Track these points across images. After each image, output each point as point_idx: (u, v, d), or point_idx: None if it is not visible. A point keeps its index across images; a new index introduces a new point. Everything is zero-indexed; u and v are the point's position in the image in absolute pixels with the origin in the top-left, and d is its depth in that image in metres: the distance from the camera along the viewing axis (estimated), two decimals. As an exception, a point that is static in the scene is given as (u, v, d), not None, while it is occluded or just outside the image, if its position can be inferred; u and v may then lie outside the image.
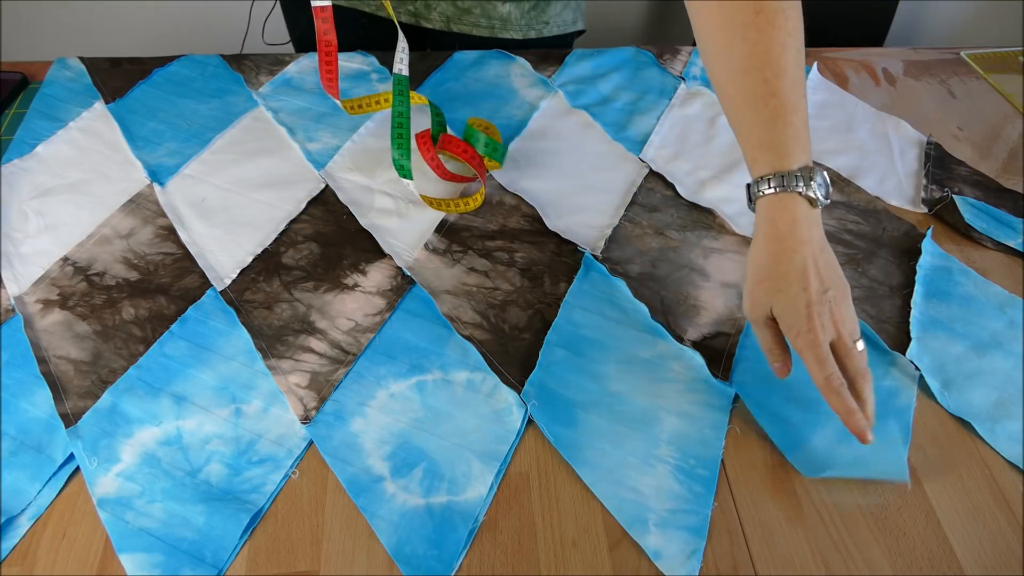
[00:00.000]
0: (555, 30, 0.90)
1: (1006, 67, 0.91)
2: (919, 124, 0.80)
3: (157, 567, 0.44)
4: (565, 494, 0.49)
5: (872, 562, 0.46)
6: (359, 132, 0.75)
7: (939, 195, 0.71)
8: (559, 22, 0.89)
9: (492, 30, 0.87)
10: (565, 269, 0.62)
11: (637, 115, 0.80)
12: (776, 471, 0.50)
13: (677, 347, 0.56)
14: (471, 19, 0.86)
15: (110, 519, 0.46)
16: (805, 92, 0.52)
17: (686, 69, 0.87)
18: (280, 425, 0.51)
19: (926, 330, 0.59)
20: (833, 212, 0.69)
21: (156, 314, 0.57)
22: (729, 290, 0.61)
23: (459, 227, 0.66)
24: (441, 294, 0.60)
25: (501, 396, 0.53)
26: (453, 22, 0.86)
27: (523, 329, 0.58)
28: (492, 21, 0.86)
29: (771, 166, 0.51)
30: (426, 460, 0.50)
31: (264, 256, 0.62)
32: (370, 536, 0.46)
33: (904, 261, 0.65)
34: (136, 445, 0.50)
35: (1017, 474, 0.51)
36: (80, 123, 0.75)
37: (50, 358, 0.54)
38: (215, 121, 0.76)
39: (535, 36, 0.89)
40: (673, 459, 0.50)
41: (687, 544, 0.46)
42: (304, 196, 0.68)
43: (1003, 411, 0.54)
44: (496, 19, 0.86)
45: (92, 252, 0.62)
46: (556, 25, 0.89)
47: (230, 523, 0.46)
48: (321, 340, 0.56)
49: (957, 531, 0.48)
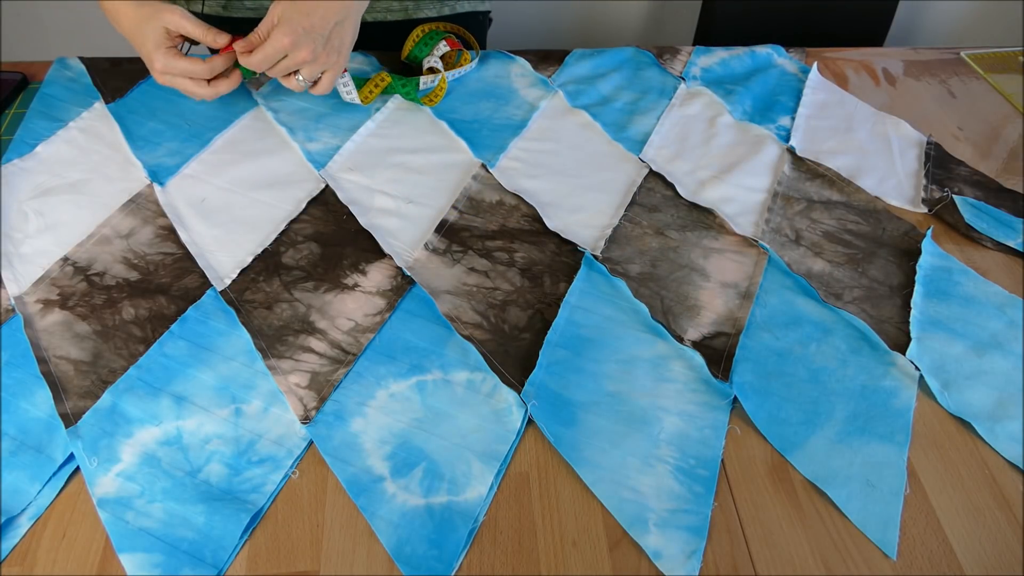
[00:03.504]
0: (466, 6, 0.91)
1: (1006, 67, 0.91)
2: (919, 124, 0.80)
3: (157, 567, 0.44)
4: (565, 494, 0.49)
5: (872, 562, 0.46)
6: (359, 132, 0.75)
7: (939, 195, 0.71)
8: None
9: (406, 12, 0.87)
10: (565, 269, 0.62)
11: (637, 115, 0.80)
12: (776, 471, 0.50)
13: (677, 347, 0.56)
14: (383, 4, 0.86)
15: (110, 519, 0.46)
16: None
17: (686, 69, 0.87)
18: (280, 425, 0.51)
19: (926, 330, 0.59)
20: (833, 212, 0.69)
21: (156, 314, 0.57)
22: (729, 290, 0.61)
23: (459, 227, 0.66)
24: (441, 294, 0.60)
25: (501, 396, 0.53)
26: (367, 12, 0.86)
27: (523, 329, 0.58)
28: (405, 3, 0.87)
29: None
30: (426, 460, 0.50)
31: (264, 256, 0.62)
32: (370, 536, 0.46)
33: (904, 261, 0.65)
34: (136, 445, 0.50)
35: (1017, 474, 0.51)
36: (80, 123, 0.75)
37: (50, 358, 0.54)
38: (215, 121, 0.76)
39: (449, 12, 0.89)
40: (673, 459, 0.50)
41: (687, 544, 0.46)
42: (304, 196, 0.68)
43: (1003, 411, 0.54)
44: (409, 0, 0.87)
45: (92, 252, 0.62)
46: (467, 3, 0.91)
47: (230, 523, 0.46)
48: (321, 340, 0.56)
49: (957, 531, 0.48)
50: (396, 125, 0.77)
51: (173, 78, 0.68)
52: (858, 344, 0.57)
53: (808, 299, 0.61)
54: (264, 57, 0.64)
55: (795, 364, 0.56)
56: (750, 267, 0.63)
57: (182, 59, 0.67)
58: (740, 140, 0.78)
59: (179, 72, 0.67)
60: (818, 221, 0.68)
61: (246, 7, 0.85)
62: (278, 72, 0.67)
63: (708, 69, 0.88)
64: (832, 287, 0.62)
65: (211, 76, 0.69)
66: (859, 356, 0.57)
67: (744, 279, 0.62)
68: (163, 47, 0.66)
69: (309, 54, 0.65)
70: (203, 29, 0.67)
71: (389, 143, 0.75)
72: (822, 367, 0.56)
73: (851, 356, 0.57)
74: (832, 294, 0.62)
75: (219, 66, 0.69)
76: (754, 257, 0.64)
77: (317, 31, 0.64)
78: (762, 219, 0.68)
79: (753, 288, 0.61)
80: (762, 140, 0.78)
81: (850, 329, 0.58)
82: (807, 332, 0.58)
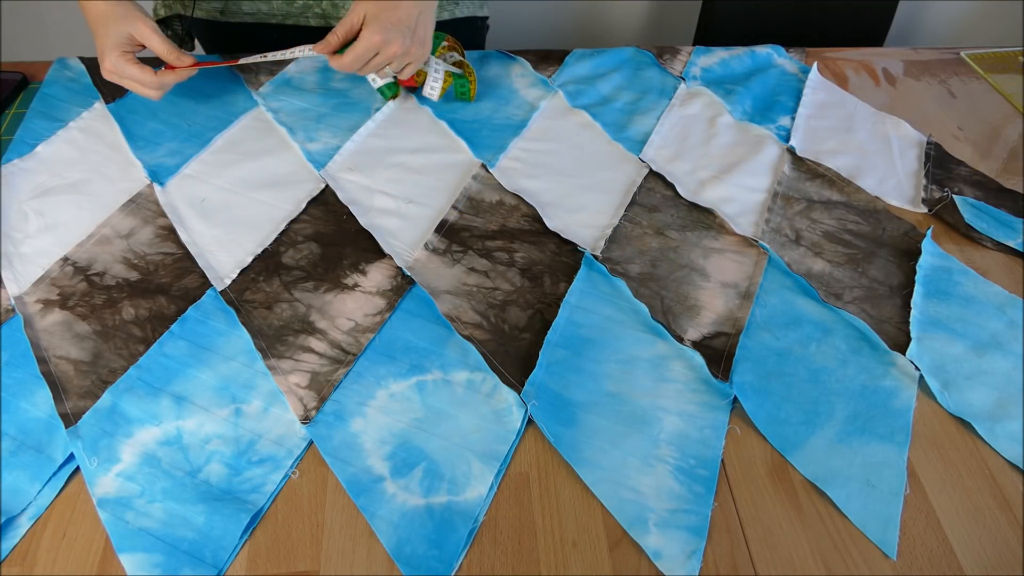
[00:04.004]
0: (466, 11, 0.91)
1: (1006, 67, 0.91)
2: (919, 124, 0.80)
3: (157, 567, 0.44)
4: (565, 494, 0.49)
5: (872, 562, 0.46)
6: (359, 132, 0.75)
7: (939, 195, 0.71)
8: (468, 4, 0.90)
9: None
10: (565, 269, 0.62)
11: (637, 115, 0.80)
12: (776, 471, 0.50)
13: (677, 347, 0.56)
14: None
15: (110, 519, 0.46)
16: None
17: (686, 69, 0.87)
18: (280, 425, 0.51)
19: (926, 330, 0.59)
20: (833, 212, 0.69)
21: (156, 314, 0.57)
22: (729, 290, 0.61)
23: (459, 227, 0.66)
24: (441, 294, 0.60)
25: (501, 396, 0.53)
26: None
27: (523, 329, 0.58)
28: None
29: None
30: (426, 460, 0.50)
31: (264, 256, 0.62)
32: (370, 536, 0.46)
33: (904, 261, 0.65)
34: (136, 445, 0.50)
35: (1017, 474, 0.51)
36: (80, 123, 0.75)
37: (50, 358, 0.54)
38: (215, 121, 0.76)
39: (448, 17, 0.89)
40: (673, 459, 0.50)
41: (687, 544, 0.46)
42: (304, 196, 0.68)
43: (1003, 411, 0.54)
44: None
45: (92, 252, 0.62)
46: (467, 6, 0.90)
47: (230, 523, 0.46)
48: (321, 340, 0.56)
49: (957, 531, 0.48)
50: (396, 125, 0.77)
51: (120, 78, 0.69)
52: (858, 344, 0.57)
53: (808, 299, 0.61)
54: (356, 57, 0.65)
55: (795, 364, 0.56)
56: (750, 267, 0.63)
57: (133, 66, 0.68)
58: (740, 140, 0.78)
59: (127, 78, 0.68)
60: (818, 221, 0.68)
61: (243, 12, 0.85)
62: (370, 69, 0.68)
63: (708, 69, 0.88)
64: (832, 287, 0.62)
65: (159, 91, 0.70)
66: (859, 356, 0.57)
67: (744, 279, 0.62)
68: (119, 50, 0.67)
69: (400, 47, 0.66)
70: (168, 47, 0.68)
71: (389, 143, 0.75)
72: (822, 367, 0.56)
73: (851, 356, 0.57)
74: (832, 294, 0.62)
75: (169, 83, 0.70)
76: (754, 257, 0.64)
77: (404, 24, 0.66)
78: (762, 219, 0.68)
79: (753, 288, 0.61)
80: (762, 140, 0.78)
81: (850, 329, 0.58)
82: (807, 332, 0.58)
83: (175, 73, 0.70)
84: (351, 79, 0.82)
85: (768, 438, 0.52)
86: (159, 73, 0.69)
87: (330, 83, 0.82)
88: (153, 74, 0.68)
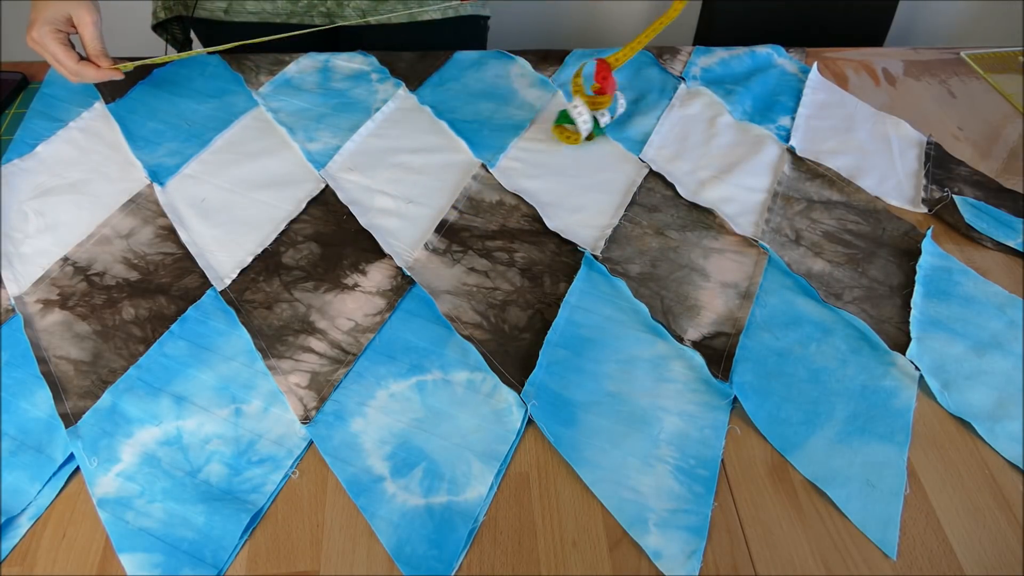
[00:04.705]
0: (469, 9, 0.91)
1: (1006, 67, 0.91)
2: (919, 124, 0.80)
3: (157, 567, 0.44)
4: (565, 494, 0.49)
5: (872, 562, 0.46)
6: (359, 132, 0.75)
7: (939, 195, 0.71)
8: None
9: (410, 15, 0.87)
10: (565, 269, 0.62)
11: (637, 115, 0.80)
12: (776, 471, 0.50)
13: (677, 347, 0.56)
14: (388, 7, 0.86)
15: (110, 519, 0.46)
16: None
17: (686, 69, 0.87)
18: (280, 425, 0.51)
19: (926, 330, 0.59)
20: (833, 212, 0.69)
21: (156, 314, 0.57)
22: (729, 290, 0.61)
23: (459, 227, 0.66)
24: (441, 294, 0.60)
25: (501, 396, 0.53)
26: (369, 13, 0.86)
27: (523, 329, 0.58)
28: (409, 4, 0.86)
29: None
30: (426, 460, 0.50)
31: (264, 256, 0.62)
32: (370, 536, 0.46)
33: (904, 261, 0.65)
34: (136, 445, 0.50)
35: (1017, 474, 0.51)
36: (80, 123, 0.75)
37: (50, 358, 0.54)
38: (215, 121, 0.76)
39: (452, 15, 0.89)
40: (673, 459, 0.50)
41: (687, 544, 0.46)
42: (304, 196, 0.68)
43: (1003, 411, 0.54)
44: (412, 1, 0.86)
45: (92, 252, 0.62)
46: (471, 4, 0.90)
47: (230, 523, 0.46)
48: (321, 340, 0.56)
49: (957, 531, 0.48)
50: (396, 125, 0.77)
51: (41, 50, 0.68)
52: (858, 344, 0.57)
53: (808, 299, 0.61)
54: None
55: (795, 364, 0.56)
56: (750, 267, 0.63)
57: (59, 45, 0.67)
58: (740, 140, 0.78)
59: (49, 55, 0.68)
60: (818, 221, 0.68)
61: (247, 11, 0.85)
62: None
63: (708, 69, 0.88)
64: (832, 287, 0.62)
65: (76, 77, 0.69)
66: (859, 356, 0.57)
67: (744, 279, 0.62)
68: (51, 25, 0.67)
69: None
70: (95, 44, 0.68)
71: (389, 143, 0.75)
72: (822, 367, 0.56)
73: (851, 356, 0.57)
74: (832, 294, 0.62)
75: (88, 78, 0.69)
76: (754, 257, 0.64)
77: None
78: (762, 219, 0.68)
79: (753, 288, 0.61)
80: (762, 140, 0.78)
81: (850, 329, 0.58)
82: (807, 332, 0.58)
83: (96, 72, 0.69)
84: (351, 79, 0.82)
85: (768, 438, 0.52)
86: (81, 63, 0.68)
87: (330, 83, 0.82)
88: (76, 61, 0.68)
